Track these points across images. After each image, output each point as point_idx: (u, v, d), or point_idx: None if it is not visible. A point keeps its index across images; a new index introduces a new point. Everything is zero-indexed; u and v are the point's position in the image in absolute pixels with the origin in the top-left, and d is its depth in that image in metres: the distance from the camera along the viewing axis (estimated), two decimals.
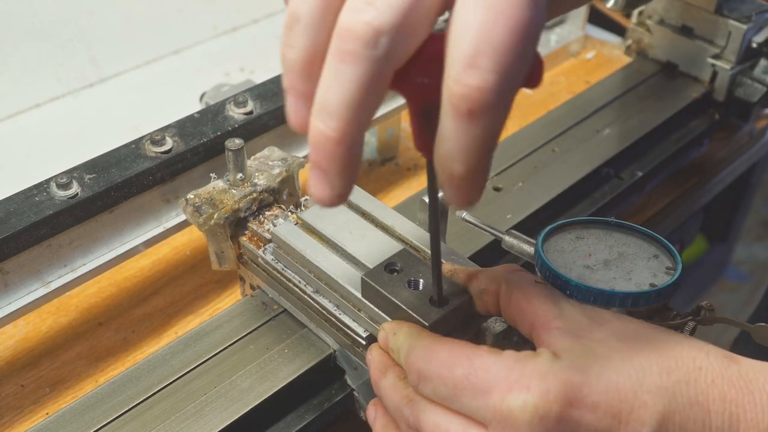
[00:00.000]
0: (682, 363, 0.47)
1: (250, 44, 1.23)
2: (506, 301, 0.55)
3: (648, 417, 0.46)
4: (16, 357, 0.77)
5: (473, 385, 0.48)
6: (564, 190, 0.87)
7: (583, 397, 0.46)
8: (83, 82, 1.12)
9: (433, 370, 0.50)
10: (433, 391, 0.50)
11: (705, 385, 0.47)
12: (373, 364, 0.57)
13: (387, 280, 0.60)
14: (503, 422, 0.47)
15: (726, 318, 0.63)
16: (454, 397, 0.49)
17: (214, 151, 0.77)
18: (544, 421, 0.46)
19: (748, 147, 1.12)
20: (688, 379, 0.47)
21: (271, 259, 0.69)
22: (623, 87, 1.03)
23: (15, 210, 0.67)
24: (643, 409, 0.46)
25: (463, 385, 0.49)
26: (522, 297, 0.54)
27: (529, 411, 0.46)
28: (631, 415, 0.46)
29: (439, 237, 0.55)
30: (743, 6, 0.99)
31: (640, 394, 0.46)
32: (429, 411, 0.51)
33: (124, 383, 0.66)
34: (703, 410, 0.46)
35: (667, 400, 0.46)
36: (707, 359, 0.48)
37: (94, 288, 0.83)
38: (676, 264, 0.62)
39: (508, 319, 0.56)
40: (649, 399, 0.46)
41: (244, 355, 0.68)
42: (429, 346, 0.52)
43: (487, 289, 0.57)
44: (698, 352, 0.48)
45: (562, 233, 0.64)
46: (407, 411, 0.53)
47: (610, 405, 0.46)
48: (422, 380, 0.51)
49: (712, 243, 1.38)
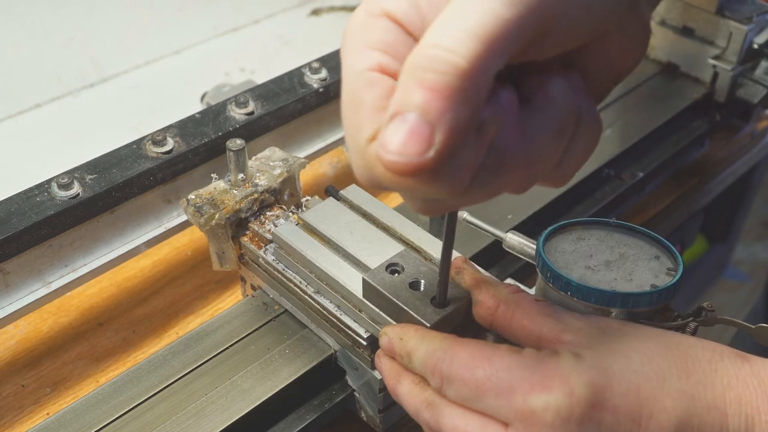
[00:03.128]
0: (699, 365, 0.47)
1: (250, 44, 1.23)
2: (508, 321, 0.55)
3: (667, 422, 0.46)
4: (16, 357, 0.76)
5: (495, 386, 0.48)
6: (565, 190, 0.87)
7: (605, 400, 0.46)
8: (83, 82, 1.12)
9: (455, 372, 0.50)
10: (456, 393, 0.50)
11: (722, 387, 0.47)
12: (385, 371, 0.57)
13: (388, 280, 0.60)
14: (525, 422, 0.47)
15: (726, 318, 0.63)
16: (477, 398, 0.49)
17: (215, 152, 0.77)
18: (566, 423, 0.46)
19: (748, 148, 1.12)
20: (706, 382, 0.47)
21: (272, 260, 0.69)
22: (624, 87, 1.03)
23: (16, 210, 0.67)
24: (663, 413, 0.46)
25: (486, 387, 0.49)
26: (524, 317, 0.54)
27: (551, 412, 0.46)
28: (650, 419, 0.46)
29: (452, 241, 0.54)
30: (744, 7, 0.99)
31: (661, 397, 0.46)
32: (448, 413, 0.51)
33: (124, 383, 0.66)
34: (721, 414, 0.46)
35: (686, 404, 0.46)
36: (722, 361, 0.48)
37: (95, 288, 0.83)
38: (677, 265, 0.62)
39: (508, 337, 0.56)
40: (669, 403, 0.46)
41: (245, 355, 0.68)
42: (448, 349, 0.51)
43: (484, 303, 0.57)
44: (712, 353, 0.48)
45: (563, 234, 0.64)
46: (427, 415, 0.53)
47: (631, 408, 0.46)
48: (445, 383, 0.51)
49: (713, 243, 1.38)
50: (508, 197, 0.85)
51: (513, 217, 0.83)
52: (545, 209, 0.85)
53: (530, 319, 0.53)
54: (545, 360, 0.48)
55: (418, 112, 0.37)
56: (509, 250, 0.69)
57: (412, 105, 0.37)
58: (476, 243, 0.79)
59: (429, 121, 0.37)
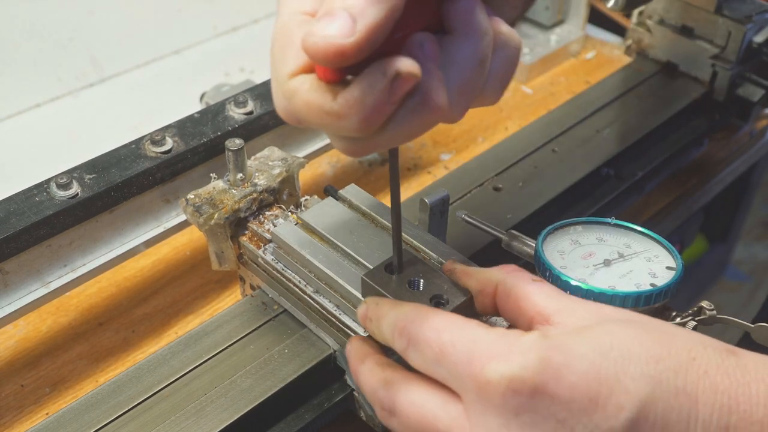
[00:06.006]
0: (675, 353, 0.46)
1: (250, 44, 1.23)
2: (504, 301, 0.55)
3: (627, 403, 0.45)
4: (16, 357, 0.77)
5: (457, 351, 0.49)
6: (564, 190, 0.87)
7: (562, 377, 0.46)
8: (83, 82, 1.12)
9: (422, 334, 0.51)
10: (419, 355, 0.51)
11: (696, 375, 0.46)
12: (352, 353, 0.57)
13: (387, 280, 0.60)
14: (479, 392, 0.47)
15: (726, 318, 0.63)
16: (438, 362, 0.50)
17: (214, 151, 0.77)
18: (516, 394, 0.46)
19: (748, 147, 1.12)
20: (678, 369, 0.46)
21: (271, 259, 0.69)
22: (623, 87, 1.03)
23: (15, 210, 0.67)
24: (624, 394, 0.45)
25: (448, 351, 0.49)
26: (520, 296, 0.54)
27: (504, 383, 0.46)
28: (609, 399, 0.45)
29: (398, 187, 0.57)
30: (743, 6, 0.99)
31: (623, 379, 0.45)
32: (404, 390, 0.51)
33: (124, 383, 0.66)
34: (690, 400, 0.45)
35: (651, 388, 0.45)
36: (704, 351, 0.47)
37: (94, 288, 0.83)
38: (677, 264, 0.62)
39: (507, 319, 0.56)
40: (631, 385, 0.45)
41: (244, 355, 0.68)
42: (421, 313, 0.52)
43: (482, 290, 0.57)
44: (695, 344, 0.47)
45: (562, 233, 0.64)
46: (383, 393, 0.53)
47: (589, 387, 0.45)
48: (411, 344, 0.51)
49: (712, 243, 1.38)
50: (507, 197, 0.86)
51: (512, 217, 0.83)
52: (544, 209, 0.85)
53: (526, 298, 0.53)
54: (511, 336, 0.49)
55: (344, 8, 0.42)
56: (508, 249, 0.70)
57: (338, 5, 0.43)
58: (475, 243, 0.79)
59: (352, 15, 0.42)
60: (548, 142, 0.93)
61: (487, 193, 0.86)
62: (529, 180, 0.88)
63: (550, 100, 1.11)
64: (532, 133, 0.95)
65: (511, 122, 1.07)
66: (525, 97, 1.12)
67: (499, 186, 0.87)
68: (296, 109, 0.45)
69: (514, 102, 1.11)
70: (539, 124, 0.97)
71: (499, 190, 0.86)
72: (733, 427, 0.45)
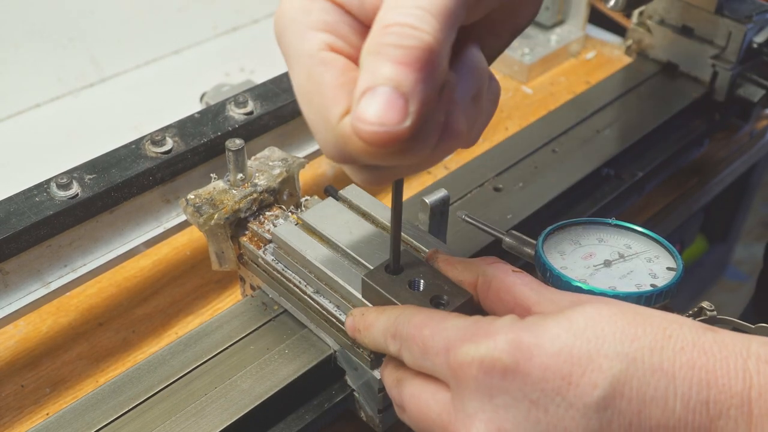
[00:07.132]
0: (651, 331, 0.46)
1: (250, 44, 1.23)
2: (485, 292, 0.56)
3: (600, 380, 0.45)
4: (16, 357, 0.77)
5: (436, 342, 0.50)
6: (564, 190, 0.87)
7: (533, 356, 0.46)
8: (83, 82, 1.12)
9: (408, 332, 0.52)
10: (409, 354, 0.52)
11: (672, 352, 0.45)
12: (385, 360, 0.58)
13: (387, 280, 0.60)
14: (455, 376, 0.49)
15: (726, 318, 0.63)
16: (424, 356, 0.51)
17: (214, 152, 0.77)
18: (488, 375, 0.47)
19: (748, 147, 1.12)
20: (653, 347, 0.45)
21: (271, 260, 0.69)
22: (623, 87, 1.03)
23: (15, 210, 0.67)
24: (597, 372, 0.45)
25: (429, 344, 0.50)
26: (500, 287, 0.55)
27: (475, 364, 0.47)
28: (582, 377, 0.45)
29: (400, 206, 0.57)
30: (743, 6, 0.99)
31: (596, 358, 0.45)
32: (407, 386, 0.53)
33: (124, 383, 0.66)
34: (667, 377, 0.45)
35: (625, 366, 0.45)
36: (680, 329, 0.47)
37: (95, 288, 0.83)
38: (677, 264, 0.62)
39: (488, 310, 0.56)
40: (604, 363, 0.45)
41: (245, 355, 0.68)
42: (407, 314, 0.54)
43: (464, 281, 0.58)
44: (671, 323, 0.47)
45: (562, 234, 0.64)
46: (395, 391, 0.55)
47: (561, 367, 0.45)
48: (403, 345, 0.53)
49: (712, 243, 1.38)
50: (508, 198, 0.86)
51: (512, 217, 0.83)
52: (544, 209, 0.85)
53: (506, 289, 0.54)
54: (483, 321, 0.49)
55: (391, 84, 0.40)
56: (508, 249, 0.69)
57: (383, 79, 0.40)
58: (476, 243, 0.79)
59: (403, 93, 0.40)
60: (548, 142, 0.93)
61: (487, 194, 0.86)
62: (529, 180, 0.88)
63: (550, 100, 1.11)
64: (532, 133, 0.95)
65: (511, 122, 1.07)
66: (525, 97, 1.12)
67: (499, 186, 0.87)
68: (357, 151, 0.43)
69: (514, 102, 1.11)
70: (539, 124, 0.97)
71: (499, 191, 0.86)
72: (713, 401, 0.45)
